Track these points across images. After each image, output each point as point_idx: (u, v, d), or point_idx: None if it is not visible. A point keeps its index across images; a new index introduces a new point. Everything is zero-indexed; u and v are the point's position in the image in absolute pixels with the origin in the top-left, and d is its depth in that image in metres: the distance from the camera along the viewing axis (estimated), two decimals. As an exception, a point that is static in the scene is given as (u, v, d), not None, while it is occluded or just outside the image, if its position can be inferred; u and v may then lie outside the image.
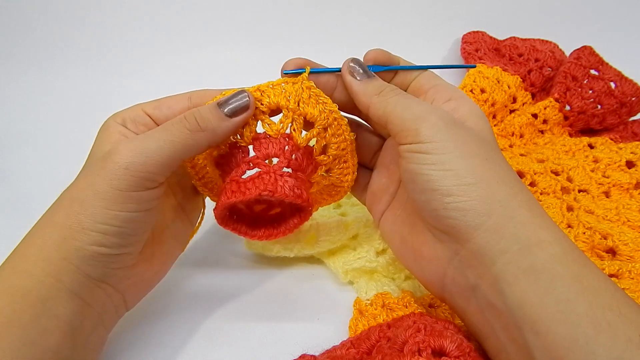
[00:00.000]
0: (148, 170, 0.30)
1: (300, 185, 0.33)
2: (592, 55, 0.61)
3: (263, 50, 0.73)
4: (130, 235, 0.31)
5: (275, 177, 0.32)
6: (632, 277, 0.37)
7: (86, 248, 0.29)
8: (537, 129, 0.59)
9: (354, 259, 0.41)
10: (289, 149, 0.33)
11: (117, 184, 0.29)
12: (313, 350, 0.33)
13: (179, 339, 0.37)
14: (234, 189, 0.33)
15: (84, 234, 0.29)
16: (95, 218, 0.29)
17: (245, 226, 0.37)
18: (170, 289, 0.41)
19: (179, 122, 0.31)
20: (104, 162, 0.30)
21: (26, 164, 0.58)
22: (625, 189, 0.48)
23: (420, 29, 0.76)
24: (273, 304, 0.40)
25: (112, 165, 0.29)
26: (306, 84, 0.33)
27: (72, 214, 0.29)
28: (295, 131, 0.33)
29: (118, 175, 0.29)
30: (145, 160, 0.30)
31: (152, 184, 0.31)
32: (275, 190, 0.32)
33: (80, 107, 0.67)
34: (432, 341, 0.28)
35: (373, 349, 0.31)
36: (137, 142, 0.30)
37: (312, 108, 0.33)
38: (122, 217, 0.29)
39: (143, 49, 0.74)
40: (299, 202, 0.33)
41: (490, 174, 0.28)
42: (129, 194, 0.30)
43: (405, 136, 0.30)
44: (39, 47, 0.73)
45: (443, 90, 0.34)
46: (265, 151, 0.33)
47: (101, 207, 0.29)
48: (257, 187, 0.32)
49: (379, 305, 0.37)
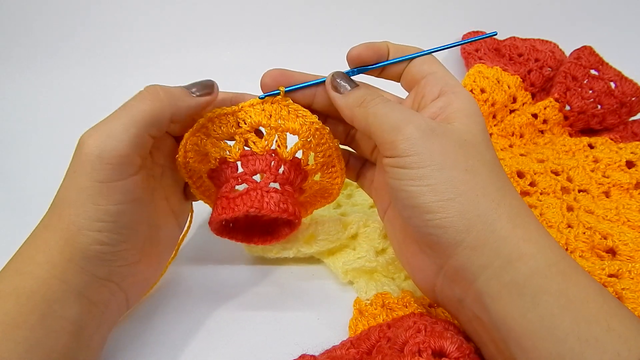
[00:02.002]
0: (121, 154, 0.29)
1: (286, 200, 0.34)
2: (592, 55, 0.61)
3: (263, 50, 0.73)
4: (126, 228, 0.31)
5: (262, 194, 0.34)
6: (632, 277, 0.37)
7: (88, 249, 0.29)
8: (537, 129, 0.58)
9: (353, 258, 0.41)
10: (275, 164, 0.35)
11: (97, 175, 0.29)
12: (313, 350, 0.33)
13: (178, 339, 0.37)
14: (224, 205, 0.34)
15: (83, 235, 0.29)
16: (88, 216, 0.29)
17: (241, 234, 0.39)
18: (170, 289, 0.41)
19: (137, 95, 0.31)
20: (77, 157, 0.29)
21: (26, 164, 0.58)
22: (625, 189, 0.47)
23: (420, 29, 0.76)
24: (273, 303, 0.40)
25: (85, 157, 0.29)
26: (283, 102, 0.35)
27: (65, 215, 0.29)
28: (280, 147, 0.35)
29: (94, 166, 0.29)
30: (115, 145, 0.29)
31: (132, 169, 0.30)
32: (261, 207, 0.33)
33: (80, 107, 0.67)
34: (432, 342, 0.28)
35: (373, 349, 0.31)
36: (101, 127, 0.30)
37: (292, 123, 0.35)
38: (113, 211, 0.29)
39: (143, 49, 0.74)
40: (285, 216, 0.34)
41: (469, 187, 0.27)
42: (112, 184, 0.29)
43: (385, 149, 0.30)
44: (39, 47, 0.73)
45: (434, 82, 0.33)
46: (253, 167, 0.35)
47: (89, 203, 0.29)
48: (245, 204, 0.33)
49: (378, 305, 0.37)
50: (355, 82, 0.34)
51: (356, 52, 0.34)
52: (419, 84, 0.34)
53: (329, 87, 0.34)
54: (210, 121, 0.34)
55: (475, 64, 0.63)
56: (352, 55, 0.34)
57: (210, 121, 0.34)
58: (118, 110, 0.31)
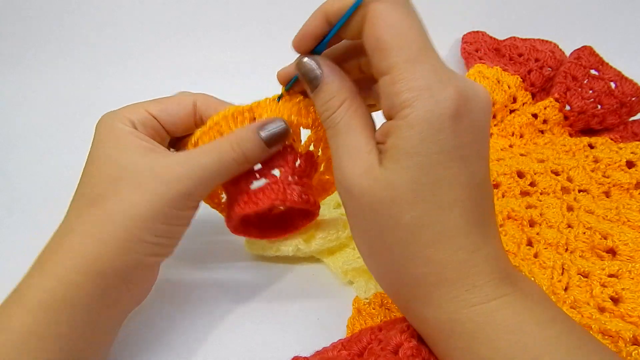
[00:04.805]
0: (202, 196, 0.32)
1: (306, 191, 0.35)
2: (592, 55, 0.61)
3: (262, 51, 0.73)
4: (175, 246, 0.33)
5: (284, 187, 0.34)
6: (632, 277, 0.37)
7: (143, 259, 0.30)
8: (537, 129, 0.58)
9: (353, 258, 0.41)
10: (292, 158, 0.35)
11: (177, 205, 0.30)
12: (313, 350, 0.33)
13: (177, 339, 0.37)
14: (246, 199, 0.35)
15: (142, 246, 0.30)
16: (157, 233, 0.30)
17: (256, 230, 0.40)
18: (168, 289, 0.41)
19: (227, 151, 0.32)
20: (161, 184, 0.30)
21: (26, 164, 0.58)
22: (625, 189, 0.47)
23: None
24: (272, 303, 0.40)
25: (174, 192, 0.30)
26: (294, 99, 0.35)
27: (129, 228, 0.29)
28: (295, 141, 0.36)
29: (179, 200, 0.30)
30: (202, 190, 0.31)
31: (198, 204, 0.33)
32: (285, 198, 0.34)
33: (80, 107, 0.67)
34: (424, 351, 0.28)
35: (365, 351, 0.31)
36: (195, 169, 0.31)
37: (304, 118, 0.35)
38: (174, 231, 0.32)
39: (143, 48, 0.74)
40: (307, 207, 0.35)
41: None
42: (185, 212, 0.32)
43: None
44: (38, 47, 0.73)
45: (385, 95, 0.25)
46: (272, 163, 0.35)
47: (163, 223, 0.30)
48: (269, 197, 0.34)
49: (377, 305, 0.37)
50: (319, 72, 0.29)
51: (296, 45, 0.30)
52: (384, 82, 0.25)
53: (303, 81, 0.30)
54: (225, 119, 0.34)
55: (475, 64, 0.63)
56: (296, 48, 0.30)
57: (224, 119, 0.34)
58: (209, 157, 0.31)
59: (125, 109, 0.33)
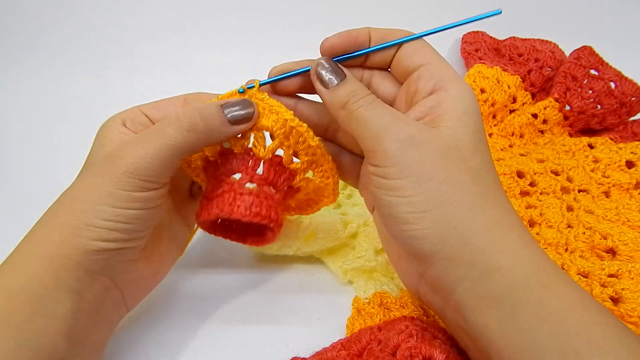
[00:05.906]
0: (151, 174, 0.30)
1: (260, 203, 0.32)
2: (592, 55, 0.61)
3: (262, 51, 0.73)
4: (135, 232, 0.31)
5: (235, 197, 0.32)
6: (632, 277, 0.37)
7: (90, 243, 0.29)
8: (537, 129, 0.58)
9: (353, 258, 0.41)
10: (252, 163, 0.33)
11: (123, 185, 0.29)
12: (313, 349, 0.33)
13: (177, 339, 0.37)
14: (202, 206, 0.33)
15: (89, 230, 0.29)
16: (102, 216, 0.29)
17: (235, 233, 0.36)
18: (168, 289, 0.41)
19: (175, 121, 0.31)
20: (108, 165, 0.30)
21: (26, 164, 0.58)
22: (625, 189, 0.47)
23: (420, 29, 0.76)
24: (272, 303, 0.40)
25: (118, 169, 0.29)
26: (258, 96, 0.32)
27: (76, 211, 0.29)
28: (257, 145, 0.33)
29: (124, 179, 0.29)
30: (147, 166, 0.30)
31: (157, 185, 0.31)
32: (231, 211, 0.32)
33: (80, 108, 0.67)
34: (423, 348, 0.28)
35: (364, 351, 0.31)
36: (139, 147, 0.30)
37: (265, 120, 0.32)
38: (127, 215, 0.30)
39: (142, 50, 0.74)
40: (257, 220, 0.32)
41: (445, 198, 0.27)
42: (136, 194, 0.30)
43: (367, 156, 0.30)
44: (39, 48, 0.73)
45: (427, 76, 0.30)
46: (229, 167, 0.33)
47: (107, 205, 0.29)
48: (217, 207, 0.32)
49: (376, 304, 0.37)
50: (343, 71, 0.31)
51: (329, 45, 0.32)
52: (411, 77, 0.31)
53: (314, 79, 0.32)
54: None
55: (475, 64, 0.63)
56: (326, 48, 0.32)
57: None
58: (154, 132, 0.31)
59: (123, 111, 0.35)
